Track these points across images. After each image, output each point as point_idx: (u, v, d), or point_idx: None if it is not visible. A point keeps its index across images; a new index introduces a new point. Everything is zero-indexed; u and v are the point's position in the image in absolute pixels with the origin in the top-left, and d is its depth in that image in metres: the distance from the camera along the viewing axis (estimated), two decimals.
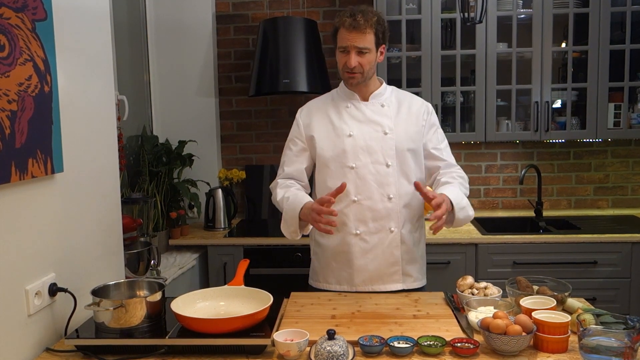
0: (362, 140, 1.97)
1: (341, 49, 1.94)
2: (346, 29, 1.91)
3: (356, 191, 1.96)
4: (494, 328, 1.40)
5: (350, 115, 2.02)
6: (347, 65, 1.93)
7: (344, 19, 1.92)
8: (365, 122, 2.00)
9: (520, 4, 3.13)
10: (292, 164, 2.07)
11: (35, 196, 1.52)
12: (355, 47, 1.91)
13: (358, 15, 1.90)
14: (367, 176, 1.96)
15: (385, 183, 1.96)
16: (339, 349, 1.36)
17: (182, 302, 1.57)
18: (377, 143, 1.97)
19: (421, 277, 2.08)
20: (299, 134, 2.08)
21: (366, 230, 1.97)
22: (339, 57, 1.97)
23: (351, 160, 1.96)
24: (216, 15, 3.54)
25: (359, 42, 1.90)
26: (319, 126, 2.03)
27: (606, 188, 3.47)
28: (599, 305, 2.02)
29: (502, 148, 3.48)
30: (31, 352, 1.49)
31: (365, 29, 1.90)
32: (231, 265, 2.99)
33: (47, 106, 1.53)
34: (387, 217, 1.97)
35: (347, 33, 1.91)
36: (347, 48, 1.91)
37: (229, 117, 3.60)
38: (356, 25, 1.89)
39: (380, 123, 1.99)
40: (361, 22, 1.89)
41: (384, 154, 1.97)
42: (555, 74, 3.23)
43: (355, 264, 1.98)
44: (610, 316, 1.44)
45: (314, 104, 2.12)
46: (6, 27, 1.38)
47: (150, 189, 3.00)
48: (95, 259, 1.83)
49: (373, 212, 1.96)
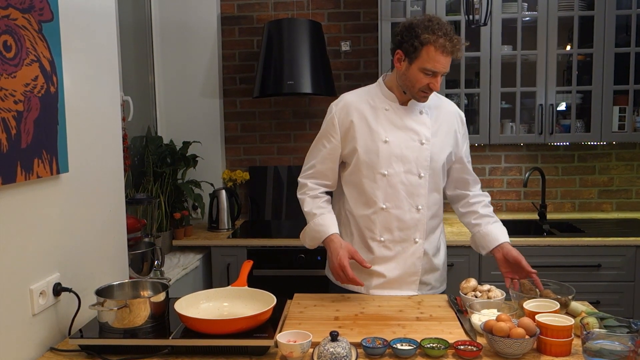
0: (397, 148, 1.90)
1: (429, 72, 1.80)
2: (442, 52, 1.77)
3: (385, 199, 1.92)
4: (497, 331, 1.39)
5: (388, 119, 1.92)
6: (430, 87, 1.83)
7: (442, 41, 1.76)
8: (402, 129, 1.92)
9: (525, 7, 3.12)
10: (325, 162, 1.98)
11: (40, 196, 1.52)
12: (445, 72, 1.82)
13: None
14: (398, 185, 1.91)
15: (416, 194, 1.92)
16: (342, 350, 1.36)
17: (185, 303, 1.57)
18: (413, 152, 1.91)
19: (439, 285, 2.05)
20: (334, 132, 1.95)
21: (391, 239, 1.94)
22: (419, 77, 1.82)
23: (384, 167, 1.90)
24: (221, 17, 3.55)
25: (448, 67, 1.81)
26: (356, 126, 1.92)
27: (610, 191, 3.46)
28: (603, 309, 2.01)
29: (506, 150, 3.47)
30: (35, 352, 1.50)
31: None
32: (235, 266, 3.00)
33: (53, 107, 1.54)
34: (413, 227, 1.93)
35: (442, 57, 1.78)
36: (438, 73, 1.80)
37: (233, 119, 3.60)
38: (453, 51, 1.78)
39: (417, 132, 1.92)
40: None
41: (418, 164, 1.91)
42: (560, 76, 3.23)
43: (375, 270, 1.95)
44: (614, 320, 1.44)
45: (350, 98, 1.98)
46: (13, 27, 1.38)
47: (154, 190, 3.00)
48: (99, 259, 1.83)
49: (400, 221, 1.92)
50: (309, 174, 2.02)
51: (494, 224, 1.97)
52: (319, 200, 1.99)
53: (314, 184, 2.01)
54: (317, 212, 1.95)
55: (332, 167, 1.99)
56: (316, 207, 1.97)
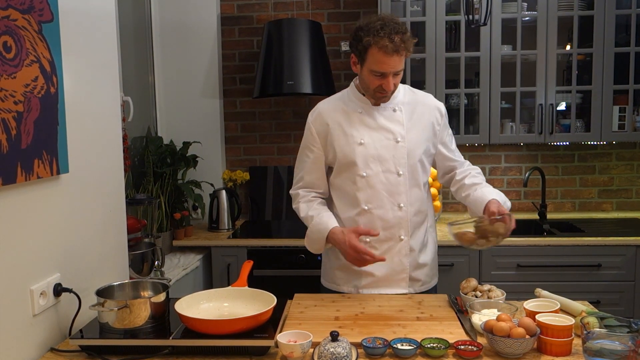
0: (373, 149, 1.92)
1: (378, 73, 1.81)
2: (385, 53, 1.77)
3: (366, 200, 1.93)
4: (498, 331, 1.39)
5: (361, 122, 1.95)
6: (382, 88, 1.85)
7: (383, 42, 1.76)
8: (376, 129, 1.94)
9: (525, 7, 3.12)
10: (312, 172, 2.02)
11: (40, 197, 1.53)
12: (394, 72, 1.82)
13: (396, 38, 1.76)
14: (378, 185, 1.92)
15: (396, 192, 1.93)
16: (342, 350, 1.36)
17: (186, 303, 1.57)
18: (389, 151, 1.93)
19: (429, 280, 2.06)
20: (314, 141, 1.99)
21: (376, 239, 1.95)
22: (371, 79, 1.84)
23: (362, 169, 1.92)
24: (221, 17, 3.55)
25: (398, 66, 1.81)
26: (332, 132, 1.96)
27: (610, 191, 3.46)
28: (603, 309, 2.01)
29: (506, 150, 3.47)
30: (36, 352, 1.50)
31: (404, 52, 1.79)
32: (235, 266, 3.00)
33: (53, 107, 1.54)
34: (397, 225, 1.95)
35: (386, 58, 1.77)
36: (386, 74, 1.81)
37: (233, 119, 3.60)
38: (397, 50, 1.77)
39: (392, 130, 1.94)
40: (401, 47, 1.77)
41: (395, 162, 1.93)
42: (560, 76, 3.23)
43: (363, 270, 1.95)
44: (614, 319, 1.44)
45: (323, 106, 2.02)
46: (13, 28, 1.38)
47: (154, 190, 3.00)
48: (99, 259, 1.83)
49: (383, 221, 1.94)
50: (299, 186, 2.07)
51: (483, 188, 1.93)
52: (313, 203, 2.02)
53: (305, 192, 2.05)
54: (313, 213, 1.97)
55: (320, 176, 2.03)
56: (312, 209, 1.99)
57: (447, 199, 3.50)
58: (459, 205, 3.51)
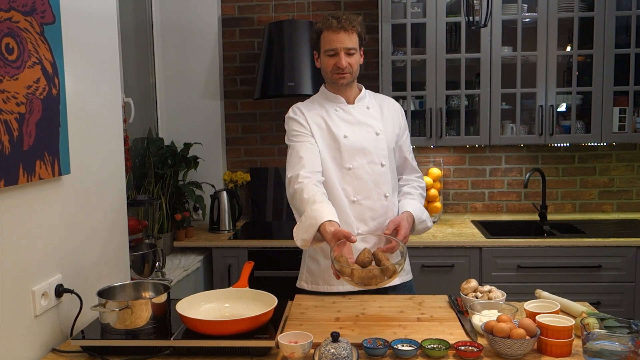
0: (357, 142, 1.99)
1: (330, 51, 1.96)
2: (333, 31, 1.94)
3: (355, 192, 1.99)
4: (498, 331, 1.40)
5: (341, 118, 2.03)
6: (337, 66, 1.95)
7: (330, 22, 1.95)
8: (356, 124, 2.02)
9: (525, 8, 3.13)
10: (310, 153, 1.95)
11: (42, 198, 1.53)
12: (345, 48, 1.94)
13: (342, 17, 1.94)
14: (364, 176, 1.99)
15: (382, 182, 2.00)
16: (343, 351, 1.36)
17: (187, 304, 1.57)
18: (371, 144, 2.00)
19: (409, 269, 2.13)
20: (303, 128, 2.00)
21: (367, 230, 1.99)
22: (326, 60, 1.99)
23: (348, 162, 1.98)
24: (222, 19, 3.55)
25: (348, 43, 1.94)
26: (315, 127, 2.01)
27: (611, 192, 3.47)
28: (603, 310, 2.02)
29: (506, 151, 3.47)
30: (37, 353, 1.50)
31: (351, 29, 1.94)
32: (236, 267, 3.00)
33: (55, 109, 1.55)
34: (384, 214, 2.00)
35: (334, 35, 1.94)
36: (337, 50, 1.94)
37: (234, 120, 3.61)
38: (343, 27, 1.93)
39: (370, 124, 2.03)
40: (347, 24, 1.93)
41: (378, 154, 2.00)
42: (560, 77, 3.23)
43: None
44: (614, 320, 1.44)
45: (302, 106, 2.09)
46: (15, 30, 1.39)
47: (155, 191, 3.01)
48: (101, 260, 1.84)
49: (372, 211, 1.99)
50: (299, 167, 1.92)
51: (407, 200, 2.04)
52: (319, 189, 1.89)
53: (307, 173, 1.91)
54: (317, 199, 1.83)
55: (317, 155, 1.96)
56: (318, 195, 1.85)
57: (447, 200, 3.51)
58: (459, 207, 3.51)
